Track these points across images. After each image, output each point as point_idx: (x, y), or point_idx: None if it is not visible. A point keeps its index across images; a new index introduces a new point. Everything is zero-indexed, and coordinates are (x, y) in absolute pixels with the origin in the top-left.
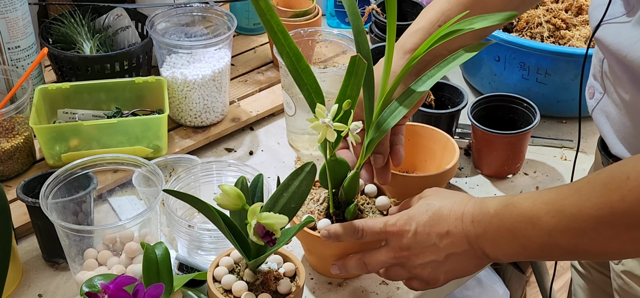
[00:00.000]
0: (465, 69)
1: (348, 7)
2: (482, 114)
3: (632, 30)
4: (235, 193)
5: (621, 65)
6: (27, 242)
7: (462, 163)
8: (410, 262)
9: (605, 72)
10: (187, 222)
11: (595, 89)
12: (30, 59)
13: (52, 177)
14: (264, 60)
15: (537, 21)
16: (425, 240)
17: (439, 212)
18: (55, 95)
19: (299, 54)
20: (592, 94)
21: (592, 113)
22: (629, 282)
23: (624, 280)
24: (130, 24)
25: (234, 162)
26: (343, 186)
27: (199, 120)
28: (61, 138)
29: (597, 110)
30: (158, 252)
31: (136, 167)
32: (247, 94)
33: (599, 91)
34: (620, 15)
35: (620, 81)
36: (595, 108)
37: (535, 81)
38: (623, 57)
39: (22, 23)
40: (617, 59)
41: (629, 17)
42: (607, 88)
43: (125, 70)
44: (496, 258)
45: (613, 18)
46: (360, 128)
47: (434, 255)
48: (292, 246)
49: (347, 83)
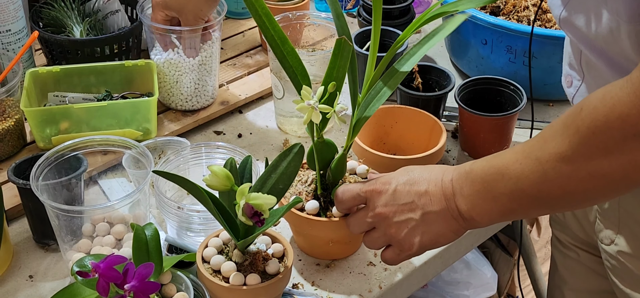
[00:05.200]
0: (452, 51)
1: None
2: (469, 97)
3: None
4: (224, 174)
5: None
6: (18, 224)
7: (450, 146)
8: (386, 221)
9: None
10: (177, 204)
11: (573, 77)
12: (21, 42)
13: (43, 158)
14: (252, 44)
15: (524, 5)
16: (404, 197)
17: (419, 174)
18: (45, 78)
19: (284, 36)
20: (570, 83)
21: (573, 100)
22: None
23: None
24: (120, 8)
25: (223, 144)
26: (330, 167)
27: (189, 104)
28: (51, 121)
29: (578, 97)
30: (148, 232)
31: (126, 149)
32: (236, 78)
33: (577, 79)
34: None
35: (596, 65)
36: (575, 95)
37: (522, 64)
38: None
39: (12, 7)
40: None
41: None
42: (586, 74)
43: (115, 53)
44: (470, 218)
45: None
46: (346, 110)
47: (411, 213)
48: (281, 227)
49: (333, 65)
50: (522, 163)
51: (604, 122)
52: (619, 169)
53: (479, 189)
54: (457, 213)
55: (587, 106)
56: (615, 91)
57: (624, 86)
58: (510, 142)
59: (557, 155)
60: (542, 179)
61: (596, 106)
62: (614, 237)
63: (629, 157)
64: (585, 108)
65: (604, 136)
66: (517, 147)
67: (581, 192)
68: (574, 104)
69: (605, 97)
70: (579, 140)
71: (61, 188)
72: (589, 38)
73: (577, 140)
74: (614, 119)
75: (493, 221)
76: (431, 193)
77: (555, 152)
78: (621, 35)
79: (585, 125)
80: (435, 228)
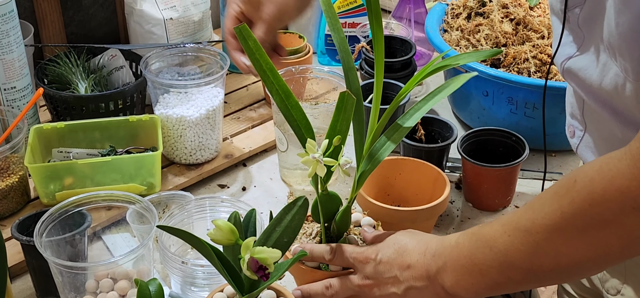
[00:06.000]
0: (454, 103)
1: (338, 44)
2: (472, 148)
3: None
4: (228, 228)
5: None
6: (20, 280)
7: (453, 197)
8: (371, 292)
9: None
10: (181, 258)
11: (575, 127)
12: (26, 99)
13: (46, 214)
14: (256, 97)
15: (524, 57)
16: (387, 271)
17: (404, 247)
18: (50, 134)
19: (288, 91)
20: (572, 133)
21: (577, 150)
22: None
23: None
24: (124, 64)
25: (227, 197)
26: (335, 220)
27: (193, 158)
28: (56, 177)
29: (582, 147)
30: (152, 288)
31: (130, 204)
32: (239, 131)
33: (579, 129)
34: (573, 53)
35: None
36: (579, 145)
37: (523, 115)
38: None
39: (18, 64)
40: (591, 91)
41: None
42: (588, 125)
43: (120, 109)
44: (455, 294)
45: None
46: (350, 163)
47: (395, 288)
48: (285, 281)
49: (336, 118)
50: (510, 236)
51: (602, 194)
52: (615, 241)
53: (465, 264)
54: (442, 290)
55: (582, 178)
56: (613, 163)
57: (622, 158)
58: (513, 192)
59: (547, 226)
60: (533, 251)
61: (593, 178)
62: (620, 287)
63: (626, 230)
64: (579, 180)
65: (601, 208)
66: (503, 218)
67: (574, 264)
68: (579, 154)
69: (602, 168)
70: (574, 211)
71: (65, 245)
72: (593, 89)
73: (572, 211)
74: (613, 191)
75: (479, 295)
76: (414, 267)
77: (547, 224)
78: (626, 92)
79: (581, 197)
80: None
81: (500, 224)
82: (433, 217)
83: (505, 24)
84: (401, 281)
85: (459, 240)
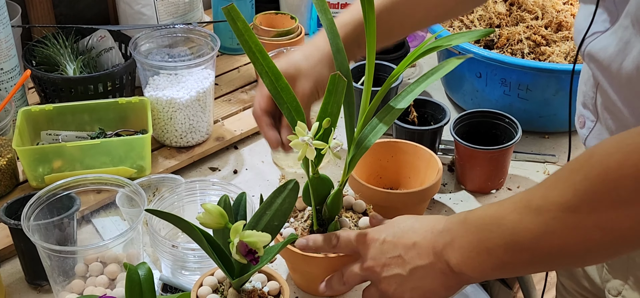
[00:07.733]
0: (447, 85)
1: (327, 25)
2: (464, 130)
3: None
4: (218, 211)
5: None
6: (10, 264)
7: (446, 179)
8: (377, 275)
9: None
10: (171, 242)
11: (586, 117)
12: (13, 81)
13: (34, 198)
14: (247, 79)
15: (518, 38)
16: (391, 251)
17: (410, 226)
18: (38, 117)
19: (278, 72)
20: (582, 123)
21: (585, 142)
22: None
23: None
24: (113, 45)
25: (218, 181)
26: (326, 203)
27: (183, 141)
28: (44, 159)
29: (591, 138)
30: (141, 272)
31: (119, 187)
32: (231, 113)
33: (590, 119)
34: (604, 30)
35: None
36: (588, 136)
37: (516, 97)
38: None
39: (5, 45)
40: (610, 74)
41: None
42: (601, 115)
43: (109, 91)
44: (460, 272)
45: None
46: (341, 146)
47: (399, 268)
48: (277, 264)
49: (327, 101)
50: (520, 214)
51: (617, 169)
52: (627, 224)
53: (472, 241)
54: (447, 267)
55: (599, 152)
56: (632, 137)
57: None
58: (506, 175)
59: (559, 204)
60: (541, 231)
61: (610, 152)
62: (621, 288)
63: None
64: (596, 154)
65: (616, 185)
66: (516, 196)
67: (583, 246)
68: (587, 146)
69: (620, 143)
70: (587, 188)
71: (53, 228)
72: (612, 72)
73: (584, 188)
74: (629, 166)
75: (485, 276)
76: (419, 245)
77: (558, 200)
78: None
79: (595, 172)
80: (425, 284)
81: (511, 202)
82: (425, 199)
83: (498, 5)
84: (406, 261)
85: (467, 217)
